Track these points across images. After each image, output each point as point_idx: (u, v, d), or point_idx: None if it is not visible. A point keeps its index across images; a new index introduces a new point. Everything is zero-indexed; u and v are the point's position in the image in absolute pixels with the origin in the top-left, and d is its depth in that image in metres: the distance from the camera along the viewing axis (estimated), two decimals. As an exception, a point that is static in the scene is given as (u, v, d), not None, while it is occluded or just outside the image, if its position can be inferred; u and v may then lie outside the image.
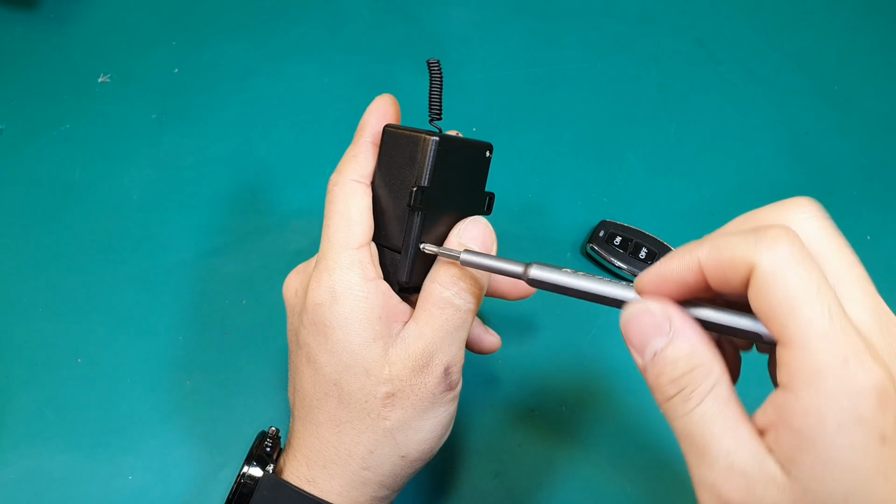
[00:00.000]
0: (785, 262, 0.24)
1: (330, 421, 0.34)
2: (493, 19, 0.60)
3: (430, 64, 0.35)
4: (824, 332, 0.23)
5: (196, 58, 0.58)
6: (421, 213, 0.34)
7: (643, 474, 0.45)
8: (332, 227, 0.34)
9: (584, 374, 0.47)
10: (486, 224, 0.35)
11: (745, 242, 0.25)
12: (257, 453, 0.36)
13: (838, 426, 0.23)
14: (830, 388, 0.23)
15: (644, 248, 0.49)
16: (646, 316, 0.27)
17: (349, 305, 0.33)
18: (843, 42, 0.60)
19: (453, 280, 0.34)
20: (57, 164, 0.53)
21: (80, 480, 0.43)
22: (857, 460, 0.23)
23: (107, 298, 0.49)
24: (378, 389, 0.33)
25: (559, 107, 0.57)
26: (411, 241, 0.34)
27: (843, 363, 0.23)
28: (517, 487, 0.44)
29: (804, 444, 0.24)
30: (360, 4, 0.61)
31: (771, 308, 0.24)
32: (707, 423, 0.26)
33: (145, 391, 0.46)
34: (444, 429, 0.35)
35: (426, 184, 0.34)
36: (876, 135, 0.56)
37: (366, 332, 0.33)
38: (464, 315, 0.34)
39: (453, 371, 0.34)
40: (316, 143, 0.55)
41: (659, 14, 0.61)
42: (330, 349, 0.33)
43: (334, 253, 0.34)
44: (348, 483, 0.34)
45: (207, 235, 0.51)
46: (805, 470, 0.24)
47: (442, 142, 0.34)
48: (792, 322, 0.24)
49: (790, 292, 0.24)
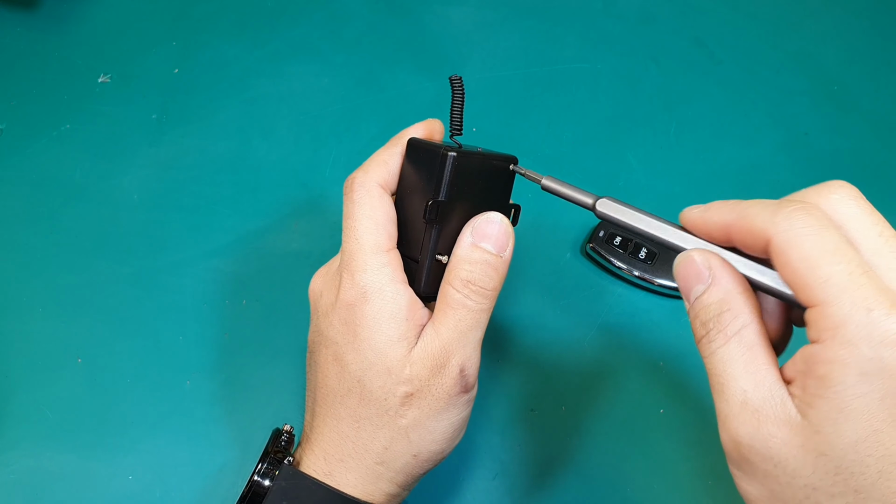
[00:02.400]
0: (800, 230, 0.26)
1: (350, 417, 0.35)
2: (493, 19, 0.60)
3: (452, 80, 0.36)
4: (844, 286, 0.24)
5: (196, 58, 0.58)
6: (437, 226, 0.35)
7: (643, 474, 0.45)
8: (361, 230, 0.35)
9: (584, 374, 0.47)
10: (500, 220, 0.35)
11: (764, 213, 0.27)
12: (273, 450, 0.37)
13: (860, 374, 0.24)
14: (854, 336, 0.24)
15: (644, 249, 0.49)
16: (690, 264, 0.29)
17: (378, 305, 0.34)
18: (843, 42, 0.60)
19: (464, 283, 0.34)
20: (57, 165, 0.53)
21: (80, 480, 0.43)
22: (874, 409, 0.24)
23: (107, 298, 0.49)
24: (398, 389, 0.34)
25: (559, 107, 0.57)
26: (428, 252, 0.35)
27: (867, 312, 0.24)
28: (517, 487, 0.44)
29: (825, 389, 0.25)
30: (360, 4, 0.61)
31: (793, 273, 0.26)
32: (728, 362, 0.27)
33: (145, 391, 0.46)
34: (457, 432, 0.36)
35: (442, 198, 0.34)
36: (876, 135, 0.56)
37: (392, 331, 0.34)
38: (476, 315, 0.35)
39: (469, 373, 0.35)
40: (316, 143, 0.55)
41: (659, 14, 0.61)
42: (357, 347, 0.34)
43: (364, 254, 0.35)
44: (363, 476, 0.35)
45: (207, 235, 0.51)
46: (821, 413, 0.25)
47: (459, 157, 0.34)
48: (812, 281, 0.25)
49: (806, 254, 0.25)
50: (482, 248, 0.35)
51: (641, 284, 0.49)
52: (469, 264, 0.34)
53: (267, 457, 0.36)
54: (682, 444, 0.45)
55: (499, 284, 0.35)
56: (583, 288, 0.50)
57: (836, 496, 0.25)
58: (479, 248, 0.35)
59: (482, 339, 0.36)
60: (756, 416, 0.26)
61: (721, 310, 0.28)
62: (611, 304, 0.50)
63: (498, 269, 0.35)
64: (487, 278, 0.35)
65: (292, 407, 0.45)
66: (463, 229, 0.35)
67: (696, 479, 0.45)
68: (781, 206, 0.27)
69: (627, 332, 0.49)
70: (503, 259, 0.35)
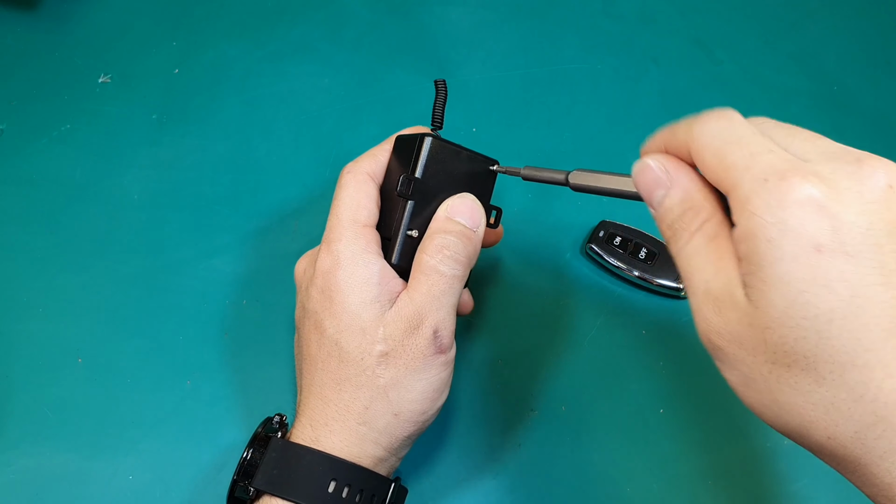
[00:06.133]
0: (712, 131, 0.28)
1: (332, 380, 0.36)
2: (492, 19, 0.60)
3: (437, 83, 0.40)
4: (746, 166, 0.26)
5: (196, 58, 0.58)
6: (411, 202, 0.37)
7: (643, 475, 0.45)
8: (341, 207, 0.38)
9: (584, 373, 0.47)
10: (473, 200, 0.38)
11: (685, 125, 0.29)
12: (265, 434, 0.37)
13: (768, 241, 0.24)
14: (755, 208, 0.25)
15: (644, 248, 0.49)
16: (647, 171, 0.30)
17: (350, 270, 0.36)
18: (843, 42, 0.60)
19: (437, 248, 0.37)
20: (57, 165, 0.53)
21: (80, 480, 0.43)
22: (792, 272, 0.24)
23: (107, 298, 0.49)
24: (373, 348, 0.36)
25: (559, 107, 0.57)
26: (401, 226, 0.38)
27: (763, 183, 0.25)
28: (517, 487, 0.44)
29: (749, 266, 0.26)
30: (360, 4, 0.61)
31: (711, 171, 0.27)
32: (693, 256, 0.28)
33: (145, 391, 0.46)
34: (437, 393, 0.37)
35: (418, 175, 0.37)
36: (876, 135, 0.56)
37: (364, 294, 0.36)
38: (449, 280, 0.37)
39: (442, 334, 0.37)
40: (316, 143, 0.55)
41: (659, 14, 0.61)
42: (333, 312, 0.36)
43: (341, 227, 0.37)
44: (347, 438, 0.36)
45: (207, 235, 0.51)
46: (755, 290, 0.25)
47: (436, 140, 0.38)
48: (723, 172, 0.26)
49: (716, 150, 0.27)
50: (456, 221, 0.38)
51: (641, 284, 0.49)
52: (444, 233, 0.37)
53: (257, 439, 0.37)
54: (682, 444, 0.45)
55: (472, 254, 0.38)
56: (583, 288, 0.50)
57: (791, 366, 0.25)
58: (453, 221, 0.38)
59: (456, 306, 0.37)
60: (717, 303, 0.27)
61: (683, 209, 0.29)
62: (611, 304, 0.50)
63: (471, 239, 0.38)
64: (461, 245, 0.37)
65: (292, 407, 0.45)
66: (439, 208, 0.38)
67: (696, 479, 0.45)
68: (700, 115, 0.28)
69: (627, 332, 0.49)
70: (476, 233, 0.38)
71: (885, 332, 0.24)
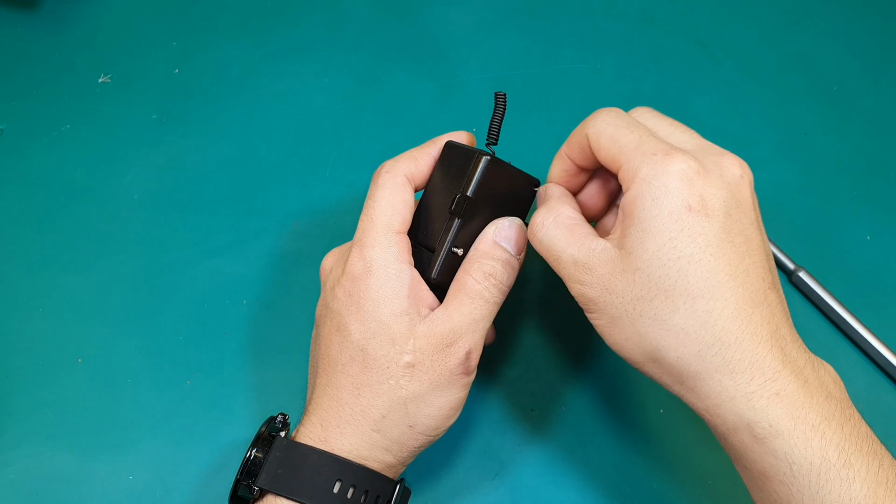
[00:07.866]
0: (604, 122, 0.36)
1: (351, 384, 0.36)
2: (492, 19, 0.60)
3: (497, 95, 0.39)
4: (636, 145, 0.34)
5: (197, 58, 0.58)
6: (460, 220, 0.37)
7: (643, 475, 0.45)
8: (377, 210, 0.38)
9: (585, 373, 0.47)
10: (521, 226, 0.39)
11: (580, 127, 0.37)
12: (268, 434, 0.37)
13: (653, 199, 0.32)
14: (645, 175, 0.32)
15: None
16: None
17: (382, 280, 0.36)
18: (843, 42, 0.60)
19: (485, 275, 0.37)
20: (57, 165, 0.53)
21: (80, 480, 0.43)
22: (667, 223, 0.32)
23: (107, 298, 0.49)
24: (401, 358, 0.36)
25: (559, 107, 0.57)
26: (447, 242, 0.37)
27: (651, 157, 0.33)
28: (517, 487, 0.44)
29: (632, 220, 0.33)
30: (360, 4, 0.61)
31: (605, 152, 0.35)
32: (555, 241, 0.36)
33: (145, 391, 0.46)
34: (453, 411, 0.37)
35: (470, 194, 0.37)
36: (876, 135, 0.56)
37: (395, 306, 0.36)
38: (490, 307, 0.37)
39: (473, 357, 0.37)
40: (316, 143, 0.55)
41: (659, 14, 0.61)
42: (361, 318, 0.36)
43: (375, 232, 0.37)
44: (359, 443, 0.36)
45: (207, 235, 0.51)
46: (632, 239, 0.32)
47: (492, 161, 0.38)
48: (616, 152, 0.34)
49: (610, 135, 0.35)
50: (503, 248, 0.38)
51: (641, 284, 0.49)
52: (492, 260, 0.37)
53: (260, 438, 0.37)
54: (682, 444, 0.45)
55: (513, 282, 0.38)
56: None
57: (653, 299, 0.32)
58: (501, 247, 0.38)
59: (487, 330, 0.38)
60: (586, 267, 0.34)
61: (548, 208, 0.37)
62: (611, 304, 0.50)
63: (515, 268, 0.38)
64: (506, 275, 0.38)
65: (293, 407, 0.45)
66: (487, 227, 0.38)
67: (696, 479, 0.45)
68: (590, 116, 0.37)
69: (627, 332, 0.49)
70: (519, 260, 0.39)
71: (727, 276, 0.31)
